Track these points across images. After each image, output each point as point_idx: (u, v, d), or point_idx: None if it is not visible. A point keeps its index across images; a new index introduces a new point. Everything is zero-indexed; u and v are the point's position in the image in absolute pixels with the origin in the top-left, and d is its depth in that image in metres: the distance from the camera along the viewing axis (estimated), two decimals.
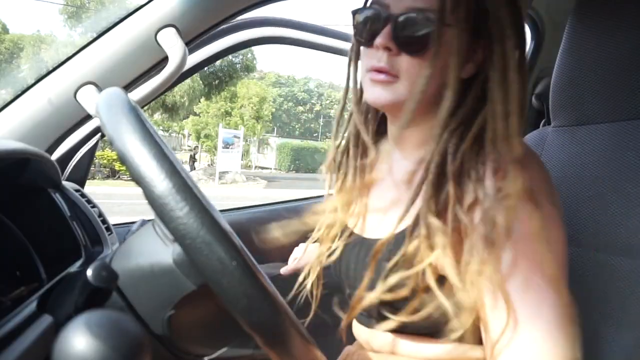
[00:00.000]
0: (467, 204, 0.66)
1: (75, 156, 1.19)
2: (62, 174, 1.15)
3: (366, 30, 0.75)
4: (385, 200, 0.81)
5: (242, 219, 1.62)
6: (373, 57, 0.73)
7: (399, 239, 0.71)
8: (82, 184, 1.19)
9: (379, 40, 0.71)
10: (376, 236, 0.79)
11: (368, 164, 0.87)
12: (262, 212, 1.68)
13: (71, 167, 1.18)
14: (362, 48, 0.79)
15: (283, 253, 1.20)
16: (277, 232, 0.95)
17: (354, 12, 0.79)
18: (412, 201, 0.71)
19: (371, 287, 0.72)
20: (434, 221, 0.67)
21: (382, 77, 0.72)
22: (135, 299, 0.59)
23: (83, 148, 1.20)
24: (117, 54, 1.05)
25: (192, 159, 22.75)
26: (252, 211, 1.70)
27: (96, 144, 1.23)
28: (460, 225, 0.66)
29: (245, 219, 1.63)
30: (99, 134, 1.21)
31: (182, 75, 1.15)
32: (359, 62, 0.82)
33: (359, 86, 0.85)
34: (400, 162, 0.83)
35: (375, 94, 0.74)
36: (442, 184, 0.68)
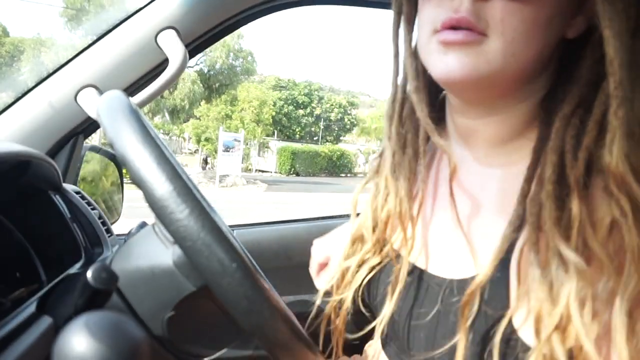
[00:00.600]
0: (603, 226, 0.45)
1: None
2: (62, 176, 1.15)
3: None
4: (452, 223, 0.58)
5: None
6: (444, 6, 0.51)
7: (496, 282, 0.50)
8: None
9: None
10: (449, 274, 0.57)
11: (421, 171, 0.63)
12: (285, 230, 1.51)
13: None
14: (420, 2, 0.56)
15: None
16: None
17: None
18: (517, 225, 0.50)
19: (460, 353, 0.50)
20: (569, 254, 0.44)
21: (461, 35, 0.49)
22: (135, 300, 0.59)
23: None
24: (117, 57, 1.05)
25: (205, 162, 22.74)
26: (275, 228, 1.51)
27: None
28: (592, 260, 0.45)
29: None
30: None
31: None
32: (416, 21, 0.58)
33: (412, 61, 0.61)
34: (473, 167, 0.60)
35: (451, 64, 0.50)
36: (563, 199, 0.47)
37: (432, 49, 0.53)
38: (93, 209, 0.99)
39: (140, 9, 1.05)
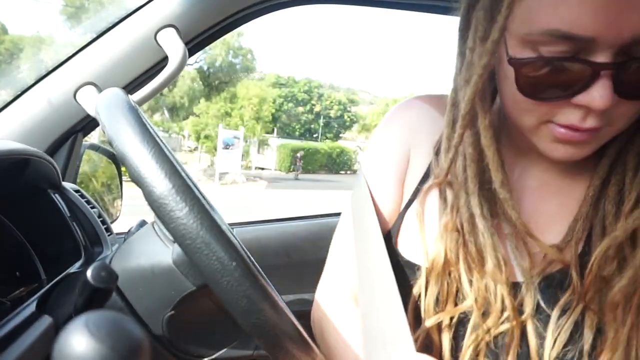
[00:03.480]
0: None
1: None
2: (62, 174, 1.15)
3: (551, 81, 0.51)
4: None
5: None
6: (565, 111, 0.52)
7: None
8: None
9: (594, 103, 0.49)
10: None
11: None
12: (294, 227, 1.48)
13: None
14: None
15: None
16: None
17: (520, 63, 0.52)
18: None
19: None
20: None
21: (585, 136, 0.52)
22: (135, 299, 0.59)
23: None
24: (117, 54, 1.05)
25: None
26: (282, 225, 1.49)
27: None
28: None
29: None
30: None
31: None
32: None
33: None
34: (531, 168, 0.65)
35: (570, 152, 0.55)
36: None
37: (543, 134, 0.55)
38: (92, 207, 0.99)
39: (140, 7, 1.05)
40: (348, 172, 30.32)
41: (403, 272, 0.66)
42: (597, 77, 0.48)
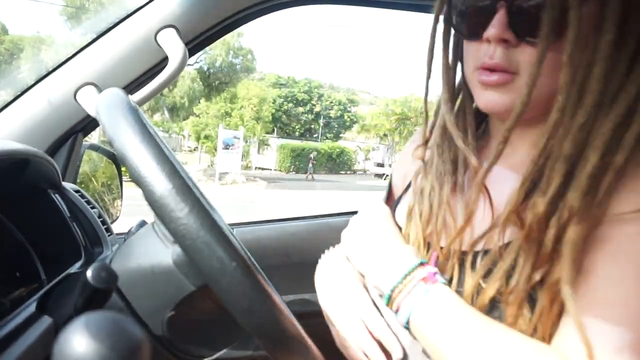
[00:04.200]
0: None
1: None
2: (62, 174, 1.15)
3: (469, 20, 0.62)
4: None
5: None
6: (482, 51, 0.60)
7: None
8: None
9: (491, 32, 0.58)
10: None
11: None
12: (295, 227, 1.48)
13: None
14: (465, 42, 0.65)
15: None
16: None
17: None
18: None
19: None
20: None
21: (495, 77, 0.59)
22: (135, 299, 0.59)
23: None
24: (117, 55, 1.05)
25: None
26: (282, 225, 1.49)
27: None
28: None
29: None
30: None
31: None
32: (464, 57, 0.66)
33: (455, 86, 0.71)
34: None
35: (489, 99, 0.61)
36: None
37: (474, 83, 0.63)
38: (92, 207, 0.99)
39: (140, 7, 1.05)
40: (348, 172, 30.35)
41: None
42: (495, 10, 0.58)
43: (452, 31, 0.68)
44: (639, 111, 0.54)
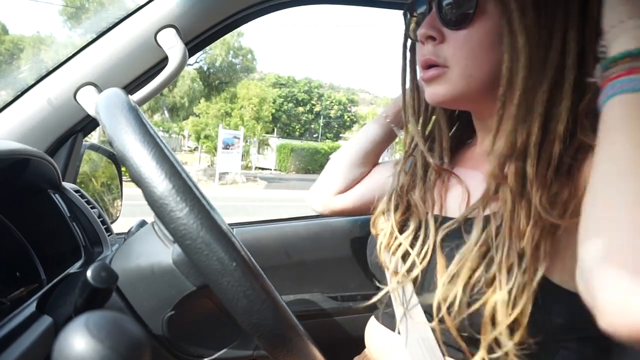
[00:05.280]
0: None
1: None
2: (62, 174, 1.15)
3: (413, 26, 0.72)
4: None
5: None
6: (420, 51, 0.70)
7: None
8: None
9: (420, 31, 0.67)
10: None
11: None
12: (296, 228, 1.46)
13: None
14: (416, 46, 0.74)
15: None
16: None
17: (405, 12, 0.76)
18: None
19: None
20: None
21: (430, 72, 0.68)
22: (134, 299, 0.59)
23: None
24: (116, 55, 1.05)
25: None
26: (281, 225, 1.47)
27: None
28: None
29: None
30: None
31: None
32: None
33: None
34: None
35: (431, 93, 0.69)
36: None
37: (422, 81, 0.71)
38: (92, 207, 0.99)
39: (140, 7, 1.05)
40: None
41: None
42: (429, 11, 0.68)
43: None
44: (566, 85, 0.60)
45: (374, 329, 0.82)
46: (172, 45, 1.04)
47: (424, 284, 0.68)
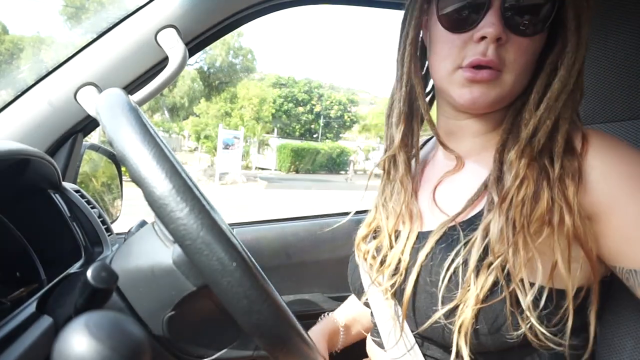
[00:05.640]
0: None
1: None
2: (62, 174, 1.15)
3: (456, 15, 0.64)
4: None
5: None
6: (471, 49, 0.63)
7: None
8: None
9: (487, 30, 0.61)
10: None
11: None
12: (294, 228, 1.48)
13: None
14: (445, 35, 0.66)
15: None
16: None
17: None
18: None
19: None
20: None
21: (486, 75, 0.63)
22: (135, 299, 0.58)
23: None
24: (117, 55, 1.05)
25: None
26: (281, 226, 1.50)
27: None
28: None
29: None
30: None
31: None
32: (436, 52, 0.69)
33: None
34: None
35: (476, 95, 0.64)
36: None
37: (456, 81, 0.65)
38: (93, 207, 0.99)
39: (141, 7, 1.05)
40: (348, 172, 30.29)
41: None
42: (490, 6, 0.61)
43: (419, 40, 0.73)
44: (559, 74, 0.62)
45: (371, 344, 0.84)
46: (173, 45, 1.04)
47: (402, 299, 0.68)
